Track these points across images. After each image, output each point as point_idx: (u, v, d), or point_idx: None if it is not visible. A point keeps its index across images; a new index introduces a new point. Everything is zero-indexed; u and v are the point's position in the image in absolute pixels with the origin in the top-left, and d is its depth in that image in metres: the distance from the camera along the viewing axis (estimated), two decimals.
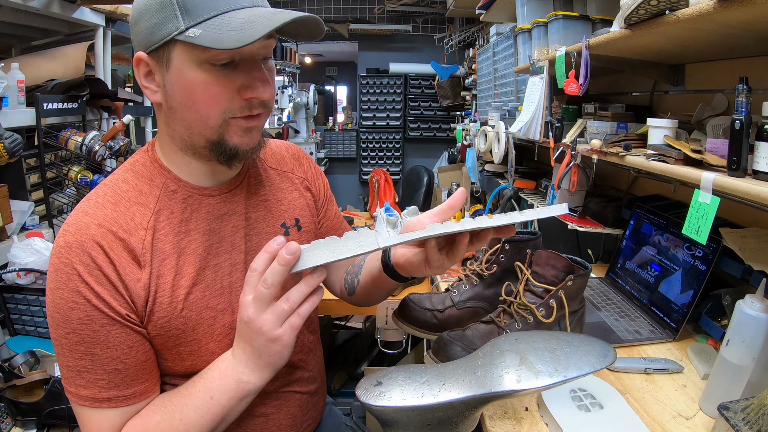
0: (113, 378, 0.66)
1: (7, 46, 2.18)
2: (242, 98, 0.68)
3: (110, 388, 0.66)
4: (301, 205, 0.88)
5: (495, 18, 2.30)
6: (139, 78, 0.69)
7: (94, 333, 0.65)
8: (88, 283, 0.64)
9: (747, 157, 0.72)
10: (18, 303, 1.37)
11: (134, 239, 0.68)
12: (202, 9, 0.63)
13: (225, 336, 0.74)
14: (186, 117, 0.68)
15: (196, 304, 0.71)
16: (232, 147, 0.70)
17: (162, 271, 0.69)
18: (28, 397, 1.08)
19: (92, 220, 0.67)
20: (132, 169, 0.74)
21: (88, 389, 0.65)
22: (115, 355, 0.66)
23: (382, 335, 1.54)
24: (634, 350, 0.99)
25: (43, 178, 1.69)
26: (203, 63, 0.65)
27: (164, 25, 0.64)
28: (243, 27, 0.62)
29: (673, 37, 0.93)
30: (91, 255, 0.65)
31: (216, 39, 0.61)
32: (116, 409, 0.67)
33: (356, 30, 4.40)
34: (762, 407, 0.62)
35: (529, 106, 1.47)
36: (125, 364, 0.67)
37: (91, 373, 0.65)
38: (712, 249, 0.99)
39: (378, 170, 2.41)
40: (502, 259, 0.97)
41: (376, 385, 0.62)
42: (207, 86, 0.65)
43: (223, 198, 0.77)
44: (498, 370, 0.59)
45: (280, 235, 0.67)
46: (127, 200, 0.70)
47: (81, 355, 0.65)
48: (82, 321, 0.64)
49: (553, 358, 0.56)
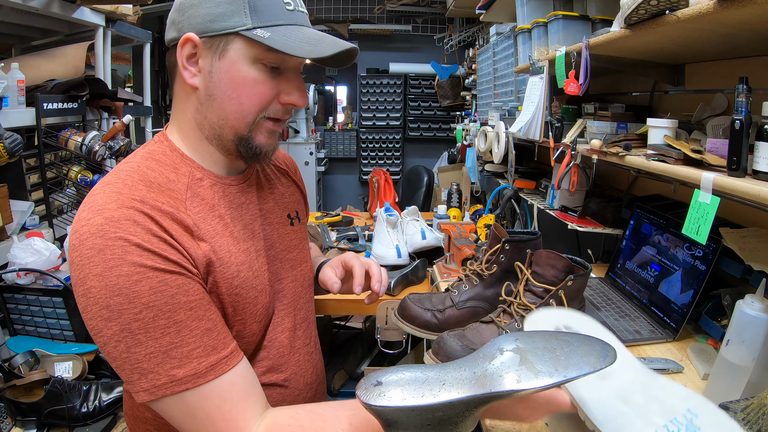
0: (208, 341, 0.61)
1: (7, 46, 2.18)
2: (280, 102, 0.74)
3: (209, 353, 0.60)
4: (298, 199, 0.96)
5: (495, 18, 2.30)
6: (180, 58, 0.70)
7: (172, 297, 0.59)
8: (149, 249, 0.59)
9: (747, 157, 0.72)
10: (18, 303, 1.37)
11: (181, 214, 0.67)
12: (270, 15, 0.69)
13: (264, 317, 0.76)
14: (226, 107, 0.71)
15: (245, 283, 0.72)
16: (257, 146, 0.74)
17: (215, 247, 0.69)
18: (28, 397, 1.08)
19: (130, 197, 0.63)
20: (153, 158, 0.73)
21: (184, 367, 0.58)
22: (200, 314, 0.62)
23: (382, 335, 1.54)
24: (634, 350, 0.99)
25: (43, 178, 1.69)
26: (257, 62, 0.70)
27: (231, 18, 0.68)
28: (311, 41, 0.70)
29: (673, 37, 0.93)
30: (144, 224, 0.61)
31: (286, 44, 0.68)
32: (223, 379, 0.61)
33: (356, 30, 4.41)
34: (762, 407, 0.62)
35: (529, 106, 1.47)
36: (213, 321, 0.63)
37: (182, 347, 0.59)
38: (712, 249, 0.99)
39: (378, 170, 2.41)
40: (502, 259, 0.97)
41: (376, 385, 0.62)
42: (255, 83, 0.70)
43: (240, 188, 0.80)
44: (498, 370, 0.59)
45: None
46: (157, 185, 0.68)
47: (163, 330, 0.58)
48: (155, 289, 0.58)
49: (553, 358, 0.56)
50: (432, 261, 1.69)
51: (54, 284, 1.34)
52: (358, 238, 2.01)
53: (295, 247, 0.89)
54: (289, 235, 0.88)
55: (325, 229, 2.11)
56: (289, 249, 0.87)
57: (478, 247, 1.52)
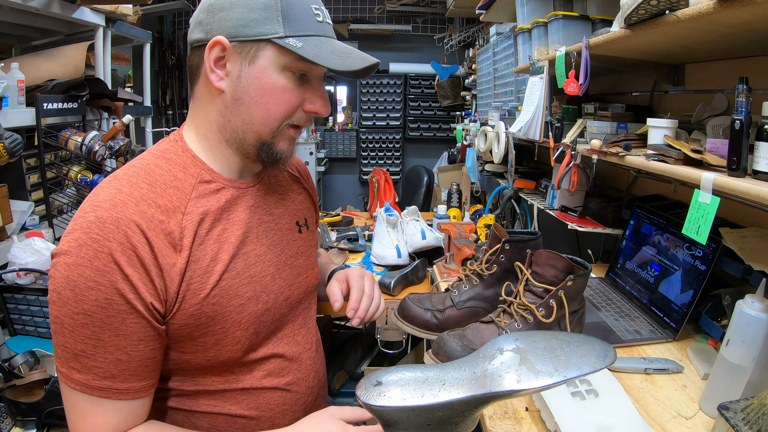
0: (112, 369, 0.63)
1: (7, 46, 2.18)
2: (304, 110, 0.75)
3: (106, 377, 0.63)
4: (308, 206, 0.95)
5: (495, 18, 2.30)
6: (208, 60, 0.70)
7: (108, 318, 0.62)
8: (118, 264, 0.61)
9: (747, 157, 0.72)
10: (18, 303, 1.37)
11: (173, 222, 0.68)
12: (301, 25, 0.70)
13: (250, 324, 0.75)
14: (252, 112, 0.72)
15: (227, 291, 0.72)
16: (278, 151, 0.76)
17: (197, 256, 0.69)
18: (28, 397, 1.08)
19: (129, 197, 0.65)
20: (163, 156, 0.74)
21: (82, 374, 0.63)
22: (122, 345, 0.63)
23: (382, 335, 1.54)
24: (634, 350, 0.99)
25: (43, 178, 1.69)
26: (286, 70, 0.71)
27: (264, 25, 0.68)
28: (341, 54, 0.72)
29: (673, 37, 0.93)
30: (127, 234, 0.62)
31: (319, 56, 0.69)
32: (108, 401, 0.64)
33: (356, 30, 4.41)
34: (762, 407, 0.62)
35: (529, 106, 1.47)
36: (129, 357, 0.64)
37: (90, 359, 0.62)
38: (712, 249, 0.99)
39: (378, 170, 2.40)
40: (502, 259, 0.97)
41: (376, 385, 0.62)
42: (283, 91, 0.72)
43: (251, 192, 0.80)
44: (498, 370, 0.59)
45: None
46: (162, 183, 0.70)
47: (84, 338, 0.62)
48: (99, 303, 0.61)
49: (553, 358, 0.56)
50: (432, 261, 1.69)
51: None
52: (358, 238, 2.01)
53: (302, 254, 0.89)
54: (297, 242, 0.88)
55: (325, 229, 2.11)
56: (296, 256, 0.87)
57: (478, 247, 1.52)
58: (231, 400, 0.77)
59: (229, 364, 0.76)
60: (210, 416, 0.76)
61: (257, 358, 0.79)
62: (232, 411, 0.77)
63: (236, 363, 0.76)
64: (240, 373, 0.77)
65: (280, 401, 0.81)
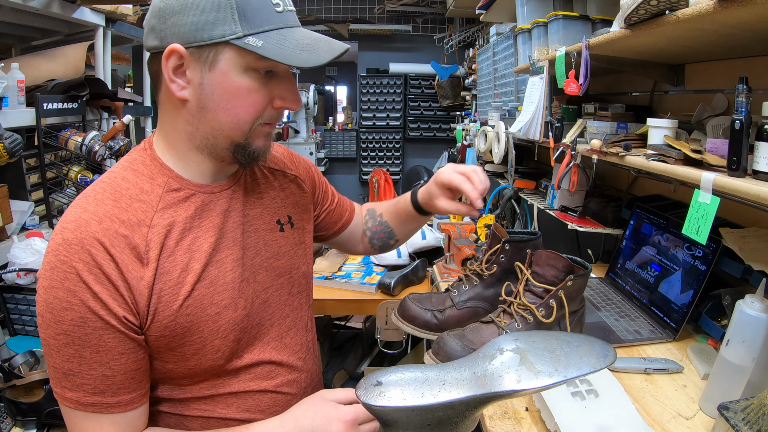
0: (99, 384, 0.64)
1: (7, 46, 2.18)
2: (274, 107, 0.72)
3: (95, 393, 0.64)
4: (293, 202, 0.90)
5: (495, 18, 2.30)
6: (166, 70, 0.67)
7: (86, 336, 0.63)
8: (86, 283, 0.63)
9: (747, 157, 0.72)
10: (18, 303, 1.37)
11: (137, 236, 0.67)
12: (260, 20, 0.66)
13: (230, 332, 0.74)
14: (220, 119, 0.69)
15: (201, 300, 0.71)
16: (255, 150, 0.73)
17: (166, 268, 0.68)
18: (28, 397, 1.08)
19: (92, 216, 0.65)
20: (131, 168, 0.73)
21: (73, 392, 0.64)
22: (104, 360, 0.64)
23: (382, 335, 1.54)
24: (634, 350, 0.99)
25: (43, 178, 1.69)
26: (250, 70, 0.67)
27: (219, 26, 0.64)
28: (306, 48, 0.67)
29: (673, 37, 0.93)
30: (91, 253, 0.63)
31: (281, 54, 0.65)
32: (102, 415, 0.65)
33: (356, 30, 4.40)
34: (762, 407, 0.62)
35: (529, 106, 1.47)
36: (113, 371, 0.65)
37: (78, 377, 0.64)
38: (712, 249, 0.99)
39: (378, 170, 2.41)
40: (502, 259, 0.97)
41: (376, 385, 0.62)
42: (249, 92, 0.68)
43: (224, 195, 0.77)
44: (498, 370, 0.59)
45: None
46: (128, 197, 0.69)
47: (69, 357, 0.63)
48: (75, 323, 0.63)
49: (553, 358, 0.56)
50: (432, 261, 1.69)
51: None
52: None
53: (285, 254, 0.85)
54: (278, 242, 0.84)
55: None
56: (276, 256, 0.84)
57: (478, 247, 1.52)
58: (221, 404, 0.76)
59: (213, 372, 0.75)
60: (201, 420, 0.76)
61: (243, 366, 0.77)
62: (223, 414, 0.76)
63: (220, 370, 0.75)
64: (226, 378, 0.77)
65: (270, 403, 0.80)
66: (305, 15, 4.29)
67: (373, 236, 1.09)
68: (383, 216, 1.10)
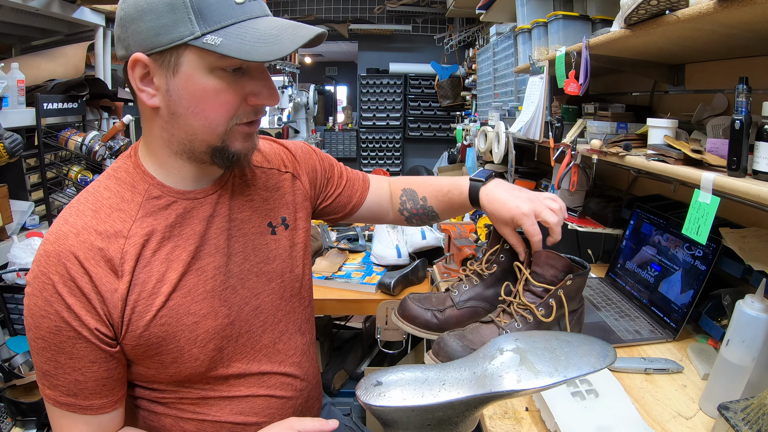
0: (72, 387, 0.67)
1: (7, 46, 2.18)
2: (249, 105, 0.69)
3: (69, 395, 0.67)
4: (288, 201, 0.87)
5: (495, 18, 2.30)
6: (133, 80, 0.66)
7: (61, 343, 0.65)
8: (60, 294, 0.64)
9: (747, 157, 0.72)
10: (18, 303, 1.37)
11: (113, 248, 0.67)
12: (219, 15, 0.62)
13: (209, 341, 0.73)
14: (192, 123, 0.67)
15: (176, 310, 0.70)
16: (234, 152, 0.70)
17: (141, 279, 0.68)
18: (28, 397, 1.08)
19: (71, 228, 0.67)
20: (114, 176, 0.73)
21: (51, 390, 0.67)
22: (77, 366, 0.66)
23: (382, 335, 1.54)
24: (634, 350, 0.99)
25: (43, 178, 1.69)
26: (215, 69, 0.64)
27: (174, 28, 0.62)
28: (268, 39, 0.62)
29: (673, 37, 0.93)
30: (66, 266, 0.65)
31: (241, 49, 0.61)
32: (77, 414, 0.68)
33: (356, 30, 4.41)
34: (762, 407, 0.62)
35: (529, 106, 1.47)
36: (85, 377, 0.67)
37: (54, 378, 0.67)
38: (712, 249, 0.99)
39: (378, 170, 2.40)
40: (502, 259, 0.97)
41: (376, 385, 0.62)
42: (218, 93, 0.65)
43: (209, 200, 0.76)
44: (498, 370, 0.59)
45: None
46: (107, 207, 0.69)
47: (47, 360, 0.66)
48: (51, 330, 0.65)
49: (553, 358, 0.56)
50: (432, 261, 1.69)
51: None
52: (358, 238, 2.01)
53: (276, 257, 0.82)
54: (269, 245, 0.82)
55: (325, 229, 2.11)
56: (267, 261, 0.81)
57: (478, 247, 1.52)
58: (214, 407, 0.76)
59: (196, 379, 0.74)
60: (196, 422, 0.76)
61: (231, 374, 0.76)
62: (217, 417, 0.76)
63: (205, 377, 0.75)
64: (216, 384, 0.76)
65: (264, 405, 0.79)
66: (305, 15, 4.29)
67: (412, 216, 1.04)
68: (427, 200, 1.03)
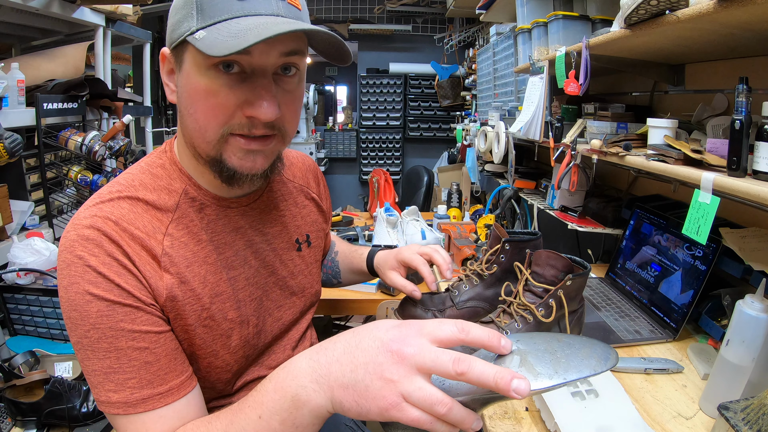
0: (144, 374, 0.59)
1: (7, 46, 2.17)
2: (243, 115, 0.61)
3: (143, 386, 0.59)
4: (312, 221, 0.90)
5: (495, 18, 2.30)
6: (163, 75, 0.67)
7: (117, 323, 0.58)
8: (104, 274, 0.59)
9: (747, 157, 0.72)
10: (18, 303, 1.37)
11: (153, 241, 0.64)
12: (215, 11, 0.58)
13: (240, 349, 0.73)
14: (188, 124, 0.65)
15: (218, 314, 0.69)
16: (231, 168, 0.64)
17: (187, 278, 0.66)
18: (28, 397, 1.08)
19: (108, 215, 0.62)
20: (150, 171, 0.70)
21: (118, 393, 0.58)
22: (142, 345, 0.59)
23: None
24: (634, 350, 0.99)
25: (43, 178, 1.69)
26: (210, 68, 0.60)
27: (183, 24, 0.61)
28: (239, 34, 0.55)
29: (673, 37, 0.93)
30: (105, 248, 0.60)
31: (211, 45, 0.56)
32: (153, 413, 0.59)
33: (356, 30, 4.40)
34: (762, 407, 0.62)
35: (529, 106, 1.47)
36: (155, 355, 0.60)
37: (119, 373, 0.58)
38: (712, 249, 0.98)
39: (378, 170, 2.40)
40: (502, 259, 0.97)
41: None
42: (208, 95, 0.60)
43: (241, 211, 0.75)
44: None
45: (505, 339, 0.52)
46: (144, 203, 0.66)
47: (105, 353, 0.58)
48: (102, 312, 0.58)
49: (554, 360, 0.56)
50: None
51: (54, 284, 1.34)
52: (358, 238, 2.01)
53: (300, 273, 0.84)
54: (294, 261, 0.83)
55: None
56: (292, 276, 0.83)
57: (478, 247, 1.52)
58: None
59: (220, 386, 0.74)
60: None
61: (246, 381, 0.77)
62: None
63: (228, 385, 0.74)
64: (231, 396, 0.76)
65: None
66: None
67: (323, 268, 1.06)
68: (338, 255, 1.09)
